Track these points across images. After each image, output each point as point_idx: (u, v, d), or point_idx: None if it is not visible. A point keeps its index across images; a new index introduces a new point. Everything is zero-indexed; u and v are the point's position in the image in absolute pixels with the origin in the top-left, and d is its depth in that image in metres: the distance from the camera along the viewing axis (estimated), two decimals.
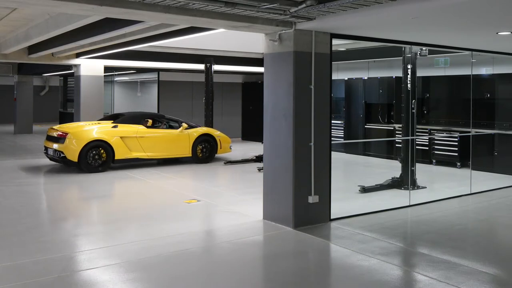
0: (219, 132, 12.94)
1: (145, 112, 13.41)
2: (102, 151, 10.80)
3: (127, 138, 11.20)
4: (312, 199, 6.48)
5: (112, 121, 11.58)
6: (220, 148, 12.65)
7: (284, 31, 6.34)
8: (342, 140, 13.99)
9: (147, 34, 8.33)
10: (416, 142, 10.05)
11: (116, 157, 11.01)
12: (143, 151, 11.40)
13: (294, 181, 6.38)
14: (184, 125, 12.14)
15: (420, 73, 10.49)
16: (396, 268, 5.03)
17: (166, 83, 18.04)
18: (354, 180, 9.88)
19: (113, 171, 10.92)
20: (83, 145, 10.53)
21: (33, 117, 20.68)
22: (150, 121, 11.95)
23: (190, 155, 12.11)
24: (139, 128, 11.49)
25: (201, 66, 15.53)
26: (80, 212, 7.69)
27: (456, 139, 11.50)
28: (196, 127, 12.54)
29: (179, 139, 12.00)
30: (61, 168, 11.21)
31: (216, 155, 12.71)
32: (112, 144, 10.90)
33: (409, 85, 9.01)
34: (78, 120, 13.85)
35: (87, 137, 10.67)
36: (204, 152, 12.39)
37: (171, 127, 12.22)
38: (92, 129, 10.98)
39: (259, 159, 12.19)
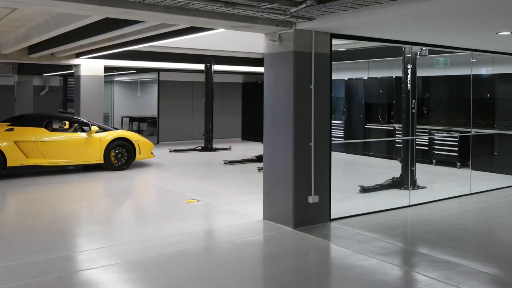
0: (138, 136, 11.73)
1: (48, 113, 12.15)
2: None
3: (23, 143, 9.93)
4: (312, 199, 6.48)
5: (9, 123, 10.35)
6: (139, 154, 11.32)
7: (284, 31, 6.34)
8: (342, 140, 13.99)
9: (147, 34, 8.33)
10: (416, 142, 10.05)
11: (9, 164, 9.72)
12: (43, 158, 10.12)
13: (294, 181, 6.38)
14: (94, 128, 10.84)
15: (420, 73, 10.48)
16: (396, 268, 5.03)
17: (166, 83, 18.04)
18: (354, 180, 9.89)
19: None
20: None
21: None
22: (67, 123, 10.81)
23: (102, 161, 10.83)
24: (39, 131, 10.19)
25: (201, 66, 15.54)
26: (80, 212, 7.69)
27: (456, 139, 11.50)
28: (111, 130, 11.33)
29: (88, 144, 10.68)
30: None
31: (135, 161, 11.46)
32: (2, 149, 9.65)
33: (409, 85, 9.01)
34: None
35: None
36: (119, 158, 11.11)
37: (84, 130, 10.95)
38: None
39: (259, 159, 12.20)
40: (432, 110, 12.85)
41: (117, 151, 11.04)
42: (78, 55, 13.43)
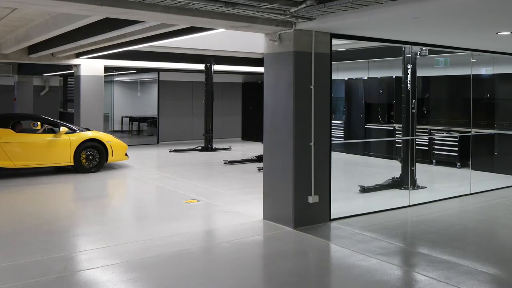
0: (111, 137, 11.41)
1: (15, 114, 11.64)
2: None
3: None
4: (312, 199, 6.48)
5: None
6: (112, 156, 11.01)
7: (284, 31, 6.34)
8: (342, 140, 13.99)
9: (147, 34, 8.33)
10: (416, 142, 10.04)
11: None
12: (9, 160, 9.83)
13: (294, 181, 6.38)
14: (64, 129, 10.55)
15: (420, 73, 10.49)
16: (396, 268, 5.03)
17: (166, 83, 18.04)
18: (354, 180, 9.88)
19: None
20: None
21: None
22: (39, 124, 10.52)
23: (72, 163, 10.52)
24: (4, 133, 9.89)
25: (201, 66, 15.53)
26: (80, 212, 7.69)
27: (456, 139, 11.50)
28: (83, 131, 10.96)
29: (57, 145, 10.35)
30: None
31: (107, 163, 11.16)
32: None
33: (409, 85, 9.01)
34: (78, 121, 13.84)
35: None
36: (91, 160, 10.78)
37: (54, 131, 10.58)
38: None
39: (259, 159, 12.19)
40: (432, 110, 12.85)
41: (88, 153, 10.71)
42: (78, 55, 13.43)
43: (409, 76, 9.02)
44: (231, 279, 4.75)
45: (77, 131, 10.80)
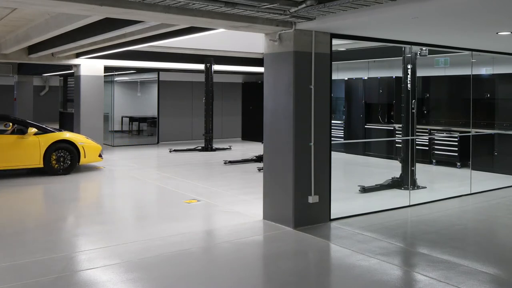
0: (83, 138, 11.03)
1: None
2: None
3: None
4: (312, 199, 6.48)
5: None
6: (84, 157, 10.63)
7: (284, 31, 6.34)
8: (342, 140, 13.99)
9: (147, 34, 8.33)
10: (416, 142, 10.05)
11: None
12: None
13: (294, 181, 6.38)
14: (32, 129, 10.12)
15: (420, 73, 10.49)
16: (396, 268, 5.03)
17: (166, 83, 18.04)
18: (354, 180, 9.88)
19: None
20: None
21: (33, 117, 20.68)
22: (11, 125, 10.20)
23: (42, 165, 10.15)
24: None
25: (201, 66, 15.53)
26: (80, 212, 7.69)
27: (456, 139, 11.50)
28: (54, 131, 10.57)
29: (25, 147, 9.98)
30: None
31: (80, 165, 10.79)
32: None
33: (409, 85, 9.01)
34: (78, 121, 13.84)
35: None
36: (61, 162, 10.39)
37: (23, 132, 10.21)
38: None
39: (259, 159, 12.19)
40: (432, 110, 12.85)
41: (58, 155, 10.32)
42: (78, 55, 13.43)
43: (409, 76, 9.03)
44: (231, 279, 4.75)
45: (49, 132, 10.43)
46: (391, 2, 5.00)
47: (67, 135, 10.71)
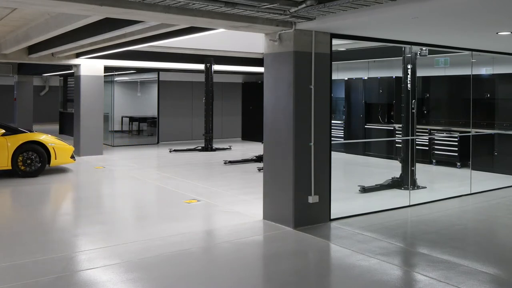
0: (54, 138, 10.65)
1: None
2: None
3: None
4: (312, 199, 6.48)
5: None
6: (55, 159, 10.25)
7: (284, 31, 6.34)
8: (342, 140, 14.00)
9: (147, 34, 8.32)
10: (416, 142, 10.05)
11: None
12: None
13: (294, 181, 6.38)
14: (0, 130, 9.82)
15: (420, 73, 10.49)
16: (396, 268, 5.03)
17: (166, 83, 18.04)
18: (354, 180, 9.88)
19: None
20: None
21: (33, 117, 20.70)
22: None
23: (10, 167, 9.78)
24: None
25: (201, 66, 15.53)
26: (80, 211, 7.69)
27: (456, 139, 11.50)
28: (23, 132, 10.23)
29: None
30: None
31: (49, 166, 10.44)
32: None
33: (409, 85, 9.01)
34: (78, 121, 13.83)
35: None
36: (29, 163, 10.00)
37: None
38: None
39: (259, 159, 12.19)
40: (432, 110, 12.85)
41: (26, 156, 9.95)
42: (78, 55, 13.43)
43: (409, 76, 9.03)
44: (231, 279, 4.75)
45: (20, 133, 10.13)
46: (391, 2, 5.00)
47: (41, 137, 10.33)
